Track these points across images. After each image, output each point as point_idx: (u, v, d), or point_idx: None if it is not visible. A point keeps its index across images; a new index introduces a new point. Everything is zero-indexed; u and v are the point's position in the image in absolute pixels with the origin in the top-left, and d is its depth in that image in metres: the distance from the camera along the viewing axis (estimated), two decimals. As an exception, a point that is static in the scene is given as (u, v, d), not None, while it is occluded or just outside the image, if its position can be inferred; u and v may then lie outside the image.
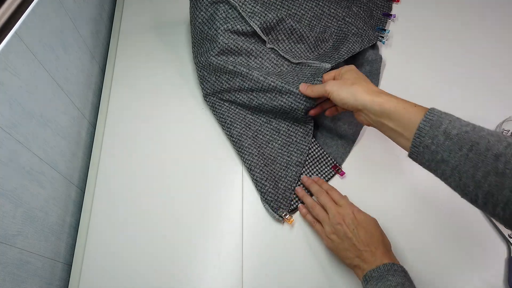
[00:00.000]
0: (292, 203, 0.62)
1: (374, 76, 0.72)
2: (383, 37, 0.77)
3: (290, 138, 0.65)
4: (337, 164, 0.65)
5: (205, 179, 0.66)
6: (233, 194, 0.65)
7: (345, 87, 0.53)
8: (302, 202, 0.62)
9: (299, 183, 0.64)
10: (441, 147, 0.42)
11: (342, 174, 0.65)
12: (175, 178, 0.66)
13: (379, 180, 0.65)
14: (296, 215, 0.62)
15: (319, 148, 0.66)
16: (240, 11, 0.65)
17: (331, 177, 0.65)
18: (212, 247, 0.61)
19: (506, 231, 0.60)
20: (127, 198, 0.64)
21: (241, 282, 0.58)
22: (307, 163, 0.65)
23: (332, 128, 0.68)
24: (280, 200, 0.62)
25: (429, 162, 0.44)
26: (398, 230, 0.61)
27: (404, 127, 0.46)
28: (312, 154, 0.66)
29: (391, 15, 0.81)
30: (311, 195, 0.62)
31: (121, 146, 0.69)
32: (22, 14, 0.52)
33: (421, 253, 0.59)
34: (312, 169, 0.65)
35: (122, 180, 0.66)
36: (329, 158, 0.66)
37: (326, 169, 0.65)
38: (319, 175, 0.65)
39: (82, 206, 0.65)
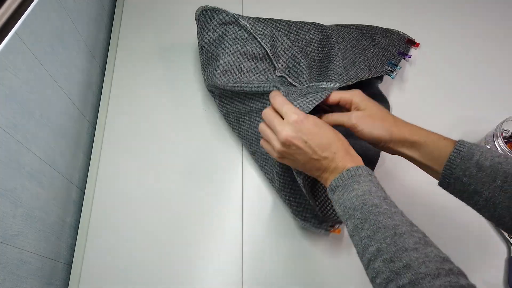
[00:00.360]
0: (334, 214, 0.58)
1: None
2: (392, 72, 0.71)
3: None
4: None
5: (205, 179, 0.66)
6: (233, 194, 0.65)
7: (378, 124, 0.48)
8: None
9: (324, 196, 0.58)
10: (473, 179, 0.42)
11: None
12: (175, 178, 0.66)
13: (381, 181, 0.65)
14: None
15: None
16: (251, 31, 0.64)
17: None
18: (212, 247, 0.61)
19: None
20: (127, 198, 0.64)
21: (241, 282, 0.58)
22: None
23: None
24: (319, 214, 0.58)
25: (461, 193, 0.44)
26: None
27: (433, 161, 0.46)
28: None
29: (406, 54, 0.75)
30: None
31: (121, 146, 0.69)
32: (22, 14, 0.51)
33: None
34: None
35: (122, 180, 0.66)
36: None
37: None
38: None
39: (82, 206, 0.65)
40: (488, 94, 0.72)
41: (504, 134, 0.63)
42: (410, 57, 0.76)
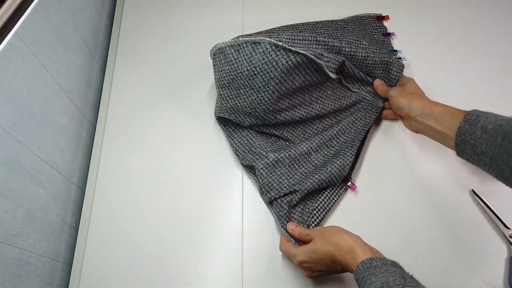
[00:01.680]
0: (314, 219, 0.61)
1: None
2: (401, 58, 0.73)
3: (326, 168, 0.62)
4: (348, 178, 0.64)
5: (206, 179, 0.66)
6: (233, 194, 0.65)
7: (404, 95, 0.61)
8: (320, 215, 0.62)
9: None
10: (478, 140, 0.48)
11: (353, 188, 0.63)
12: (176, 178, 0.66)
13: (383, 181, 0.65)
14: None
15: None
16: (281, 44, 0.57)
17: (342, 192, 0.64)
18: (212, 247, 0.61)
19: (506, 231, 0.60)
20: (127, 198, 0.64)
21: (241, 282, 0.58)
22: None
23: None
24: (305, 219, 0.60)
25: (472, 156, 0.49)
26: (398, 230, 0.61)
27: (449, 128, 0.52)
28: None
29: (390, 33, 0.78)
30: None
31: (121, 146, 0.69)
32: (22, 14, 0.52)
33: (421, 253, 0.59)
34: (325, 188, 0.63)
35: (122, 180, 0.66)
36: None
37: (337, 185, 0.64)
38: (332, 192, 0.63)
39: (82, 206, 0.65)
40: (488, 94, 0.72)
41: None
42: (394, 34, 0.79)
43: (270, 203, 0.62)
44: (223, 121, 0.69)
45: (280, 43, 0.57)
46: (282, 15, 0.80)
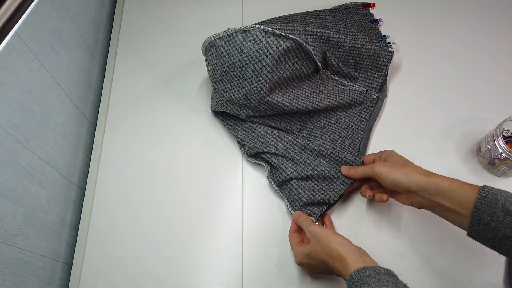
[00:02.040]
0: (323, 210, 0.61)
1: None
2: (390, 44, 0.73)
3: (331, 165, 0.64)
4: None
5: (206, 179, 0.66)
6: (234, 194, 0.65)
7: (396, 169, 0.53)
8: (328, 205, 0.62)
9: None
10: (502, 223, 0.43)
11: None
12: (175, 177, 0.66)
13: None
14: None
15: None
16: (275, 31, 0.59)
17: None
18: (212, 246, 0.61)
19: (506, 231, 0.60)
20: (127, 198, 0.64)
21: (241, 281, 0.58)
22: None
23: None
24: (311, 209, 0.61)
25: (492, 240, 0.44)
26: (397, 230, 0.61)
27: (461, 205, 0.47)
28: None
29: (377, 20, 0.80)
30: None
31: (121, 146, 0.69)
32: (22, 14, 0.52)
33: (421, 253, 0.59)
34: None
35: (122, 180, 0.66)
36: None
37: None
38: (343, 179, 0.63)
39: (82, 206, 0.65)
40: (488, 94, 0.72)
41: (504, 134, 0.63)
42: (381, 21, 0.80)
43: (280, 185, 0.63)
44: (222, 117, 0.69)
45: (270, 29, 0.58)
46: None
